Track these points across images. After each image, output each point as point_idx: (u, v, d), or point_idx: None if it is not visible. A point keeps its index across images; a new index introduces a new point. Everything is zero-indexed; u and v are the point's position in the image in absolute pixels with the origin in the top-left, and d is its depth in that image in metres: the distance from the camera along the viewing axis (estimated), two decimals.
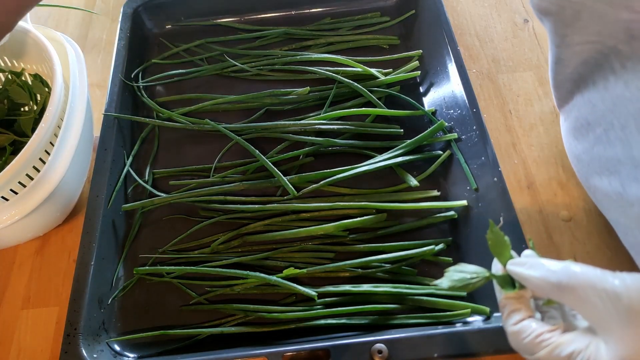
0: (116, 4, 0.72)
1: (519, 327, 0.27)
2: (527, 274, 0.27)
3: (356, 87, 0.54)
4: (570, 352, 0.25)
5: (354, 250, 0.45)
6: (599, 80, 0.38)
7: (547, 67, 0.58)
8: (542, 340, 0.26)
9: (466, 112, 0.48)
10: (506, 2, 0.65)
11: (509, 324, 0.28)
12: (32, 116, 0.51)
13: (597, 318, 0.24)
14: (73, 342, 0.39)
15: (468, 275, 0.30)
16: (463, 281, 0.29)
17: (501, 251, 0.30)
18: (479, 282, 0.29)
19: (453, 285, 0.29)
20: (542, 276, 0.27)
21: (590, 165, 0.40)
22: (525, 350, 0.27)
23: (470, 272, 0.30)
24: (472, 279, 0.29)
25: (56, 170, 0.43)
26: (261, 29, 0.63)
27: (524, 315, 0.28)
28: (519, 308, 0.28)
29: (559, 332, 0.26)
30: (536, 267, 0.27)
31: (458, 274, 0.30)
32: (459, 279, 0.29)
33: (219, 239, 0.47)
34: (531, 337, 0.26)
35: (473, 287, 0.29)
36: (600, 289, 0.24)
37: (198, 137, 0.55)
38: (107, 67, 0.63)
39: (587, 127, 0.40)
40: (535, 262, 0.28)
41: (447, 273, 0.30)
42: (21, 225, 0.43)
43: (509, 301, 0.29)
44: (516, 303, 0.28)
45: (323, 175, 0.48)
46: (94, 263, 0.43)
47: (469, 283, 0.29)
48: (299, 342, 0.40)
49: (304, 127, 0.52)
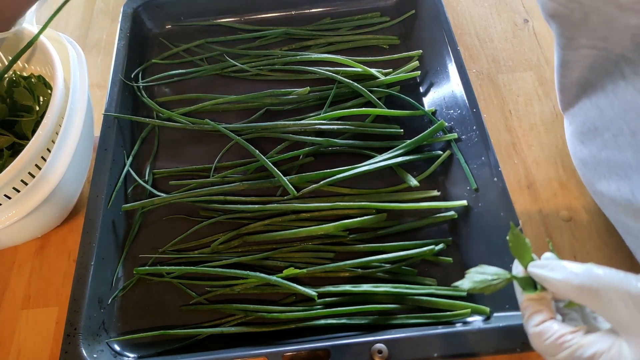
0: (116, 4, 0.72)
1: (540, 329, 0.27)
2: (550, 276, 0.27)
3: (356, 87, 0.54)
4: (592, 353, 0.25)
5: (354, 250, 0.45)
6: (608, 85, 0.38)
7: (547, 67, 0.58)
8: (564, 342, 0.26)
9: (466, 112, 0.48)
10: (506, 2, 0.65)
11: (531, 325, 0.28)
12: (33, 118, 0.51)
13: (620, 320, 0.24)
14: (73, 342, 0.39)
15: (489, 277, 0.30)
16: (484, 282, 0.29)
17: (522, 253, 0.30)
18: (500, 283, 0.29)
19: (474, 286, 0.29)
20: (564, 279, 0.26)
21: (597, 169, 0.40)
22: (547, 352, 0.27)
23: (491, 274, 0.30)
24: (493, 280, 0.29)
25: (56, 171, 0.43)
26: (261, 29, 0.63)
27: (546, 317, 0.28)
28: (541, 309, 0.28)
29: (581, 333, 0.26)
30: (558, 269, 0.27)
31: (479, 275, 0.30)
32: (480, 280, 0.29)
33: (219, 239, 0.47)
34: (553, 339, 0.26)
35: (494, 289, 0.29)
36: (623, 292, 0.24)
37: (198, 137, 0.55)
38: (107, 67, 0.63)
39: (595, 132, 0.40)
40: (557, 265, 0.28)
41: (468, 274, 0.30)
42: (21, 225, 0.43)
43: (531, 303, 0.29)
44: (537, 305, 0.28)
45: (323, 175, 0.48)
46: (94, 263, 0.43)
47: (490, 284, 0.29)
48: (299, 342, 0.40)
49: (304, 127, 0.52)
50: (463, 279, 0.30)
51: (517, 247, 0.30)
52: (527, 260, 0.30)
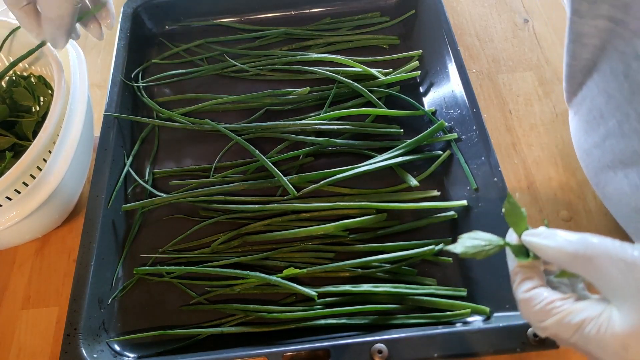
0: (116, 4, 0.72)
1: (530, 294, 0.27)
2: (544, 244, 0.27)
3: (356, 87, 0.54)
4: (581, 319, 0.25)
5: (354, 250, 0.45)
6: (619, 67, 0.37)
7: (547, 67, 0.58)
8: (553, 308, 0.26)
9: (466, 112, 0.48)
10: (506, 2, 0.65)
11: (521, 291, 0.28)
12: (34, 119, 0.51)
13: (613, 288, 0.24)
14: (73, 342, 0.39)
15: (482, 242, 0.29)
16: (477, 248, 0.29)
17: (517, 221, 0.29)
18: (492, 249, 0.29)
19: (466, 251, 0.29)
20: (559, 246, 0.26)
21: (601, 159, 0.39)
22: (535, 318, 0.27)
23: (484, 240, 0.30)
24: (486, 246, 0.29)
25: (56, 172, 0.43)
26: (261, 29, 0.63)
27: (536, 284, 0.28)
28: (531, 276, 0.28)
29: (572, 300, 0.26)
30: (552, 237, 0.27)
31: (471, 240, 0.30)
32: (473, 245, 0.29)
33: (219, 239, 0.47)
34: (542, 304, 0.26)
35: (486, 254, 0.29)
36: (617, 259, 0.24)
37: (198, 137, 0.55)
38: (107, 67, 0.63)
39: (600, 120, 0.39)
40: (551, 233, 0.27)
41: (460, 239, 0.30)
42: (21, 226, 0.43)
43: (522, 269, 0.28)
44: (529, 271, 0.28)
45: (323, 175, 0.48)
46: (94, 263, 0.43)
47: (482, 250, 0.29)
48: (299, 342, 0.40)
49: (304, 127, 0.52)
50: (455, 244, 0.30)
51: (513, 215, 0.30)
52: (521, 229, 0.29)
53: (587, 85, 0.42)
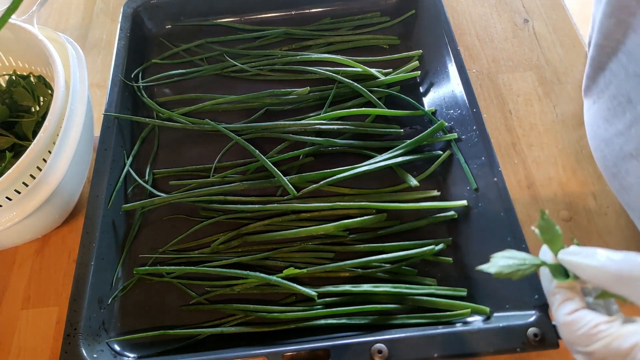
0: (116, 4, 0.72)
1: (573, 317, 0.26)
2: (585, 263, 0.26)
3: (356, 87, 0.54)
4: (632, 344, 0.23)
5: (354, 250, 0.45)
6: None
7: (547, 67, 0.58)
8: (599, 332, 0.25)
9: (466, 112, 0.48)
10: (506, 2, 0.65)
11: (562, 313, 0.27)
12: (34, 119, 0.51)
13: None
14: (73, 342, 0.39)
15: (517, 261, 0.28)
16: (512, 267, 0.28)
17: (552, 239, 0.29)
18: (529, 269, 0.28)
19: (501, 271, 0.28)
20: (601, 265, 0.25)
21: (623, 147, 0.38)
22: (579, 342, 0.26)
23: (518, 259, 0.29)
24: (522, 265, 0.28)
25: (56, 172, 0.43)
26: (261, 29, 0.63)
27: (578, 305, 0.26)
28: (572, 297, 0.27)
29: (619, 322, 0.25)
30: (594, 256, 0.26)
31: (505, 260, 0.29)
32: (507, 264, 0.28)
33: (219, 239, 0.47)
34: (587, 328, 0.25)
35: (522, 275, 0.28)
36: None
37: (198, 137, 0.55)
38: (107, 67, 0.63)
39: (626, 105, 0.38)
40: (592, 252, 0.26)
41: (493, 259, 0.29)
42: (21, 226, 0.43)
43: (561, 290, 0.27)
44: (568, 292, 0.27)
45: (323, 175, 0.48)
46: (94, 263, 0.43)
47: (517, 269, 0.28)
48: (299, 342, 0.40)
49: (304, 127, 0.52)
50: (489, 263, 0.28)
51: (547, 233, 0.29)
52: (557, 247, 0.28)
53: (613, 70, 0.40)
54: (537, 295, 0.37)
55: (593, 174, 0.50)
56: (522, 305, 0.37)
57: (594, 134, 0.44)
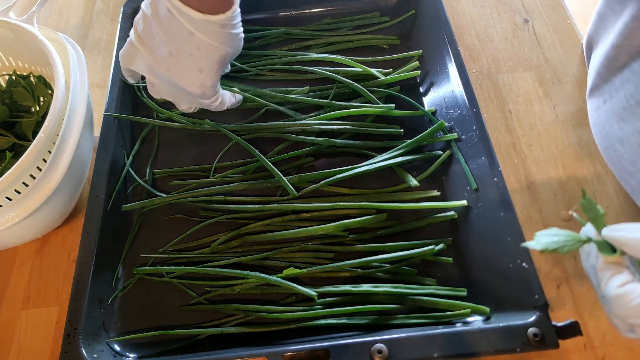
0: (116, 4, 0.72)
1: (625, 290, 0.26)
2: (632, 237, 0.26)
3: (356, 87, 0.54)
4: None
5: (354, 250, 0.45)
6: None
7: (547, 67, 0.58)
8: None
9: (466, 112, 0.48)
10: (506, 2, 0.65)
11: (613, 286, 0.27)
12: (34, 119, 0.51)
13: None
14: (73, 342, 0.39)
15: (563, 238, 0.29)
16: (558, 243, 0.29)
17: (595, 217, 0.29)
18: (575, 245, 0.29)
19: (547, 247, 0.28)
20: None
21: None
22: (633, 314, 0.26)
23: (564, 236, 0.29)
24: (568, 241, 0.29)
25: (56, 172, 0.43)
26: (261, 29, 0.63)
27: (628, 278, 0.27)
28: (621, 271, 0.27)
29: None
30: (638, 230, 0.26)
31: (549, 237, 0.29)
32: (553, 241, 0.29)
33: (219, 239, 0.47)
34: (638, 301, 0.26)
35: (569, 250, 0.29)
36: None
37: (198, 137, 0.55)
38: (107, 67, 0.63)
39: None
40: (637, 227, 0.27)
41: (537, 237, 0.29)
42: (21, 226, 0.43)
43: (609, 265, 0.28)
44: (617, 267, 0.28)
45: (323, 175, 0.48)
46: (94, 263, 0.43)
47: (564, 245, 0.29)
48: (299, 342, 0.40)
49: (304, 127, 0.52)
50: (533, 240, 0.29)
51: (590, 211, 0.29)
52: (601, 225, 0.29)
53: (632, 68, 0.40)
54: (537, 295, 0.37)
55: (593, 174, 0.50)
56: (522, 305, 0.37)
57: (605, 133, 0.44)
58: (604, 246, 0.29)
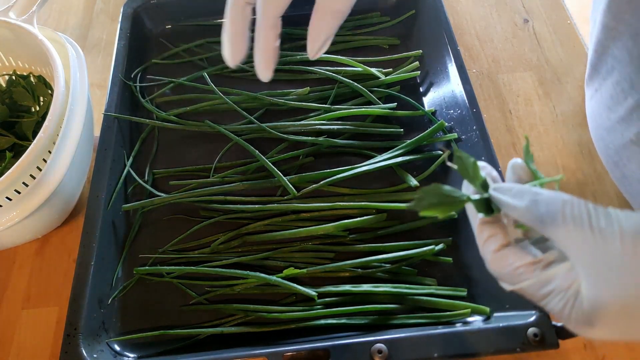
0: (116, 4, 0.72)
1: (497, 256, 0.26)
2: (512, 204, 0.25)
3: (356, 87, 0.54)
4: (549, 290, 0.24)
5: (354, 250, 0.45)
6: None
7: (547, 67, 0.58)
8: (522, 273, 0.25)
9: (466, 112, 0.48)
10: (506, 2, 0.65)
11: (489, 250, 0.27)
12: (34, 119, 0.51)
13: (581, 260, 0.22)
14: (73, 342, 0.39)
15: (444, 198, 0.27)
16: (440, 204, 0.27)
17: (471, 174, 0.28)
18: (456, 205, 0.27)
19: (430, 208, 0.27)
20: (527, 207, 0.24)
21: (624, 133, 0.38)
22: (505, 280, 0.26)
23: (445, 195, 0.27)
24: (449, 202, 0.27)
25: (56, 172, 0.43)
26: None
27: (503, 241, 0.26)
28: (496, 233, 0.27)
29: (540, 267, 0.24)
30: (522, 195, 0.25)
31: (432, 196, 0.27)
32: (436, 202, 0.27)
33: (219, 239, 0.47)
34: (511, 268, 0.25)
35: (451, 211, 0.27)
36: (585, 228, 0.22)
37: (198, 137, 0.55)
38: (107, 67, 0.63)
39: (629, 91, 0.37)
40: (521, 191, 0.25)
41: (420, 194, 0.27)
42: (21, 226, 0.43)
43: (486, 226, 0.27)
44: (493, 228, 0.27)
45: (323, 175, 0.48)
46: (94, 263, 0.43)
47: (446, 206, 0.27)
48: (299, 342, 0.40)
49: (304, 127, 0.52)
50: (414, 201, 0.27)
51: (465, 168, 0.28)
52: (478, 181, 0.28)
53: (617, 56, 0.40)
54: None
55: (593, 174, 0.50)
56: (522, 305, 0.37)
57: (596, 124, 0.43)
58: (480, 205, 0.27)
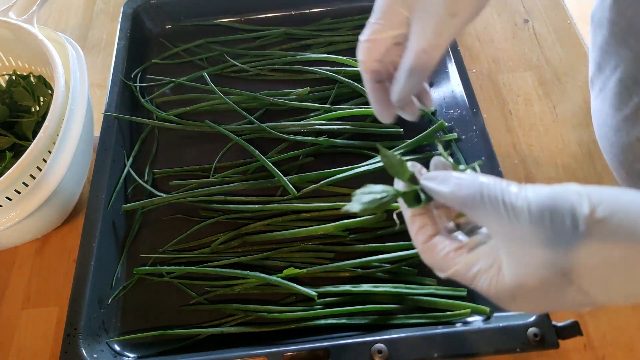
0: (116, 4, 0.72)
1: (427, 245, 0.27)
2: (437, 189, 0.27)
3: (356, 87, 0.54)
4: (475, 271, 0.25)
5: (354, 250, 0.45)
6: None
7: (547, 67, 0.58)
8: (450, 259, 0.26)
9: (466, 112, 0.48)
10: (506, 2, 0.65)
11: (419, 241, 0.28)
12: (34, 119, 0.51)
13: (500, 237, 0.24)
14: (73, 342, 0.39)
15: (378, 196, 0.29)
16: (374, 202, 0.28)
17: (398, 170, 0.29)
18: (389, 200, 0.29)
19: (364, 208, 0.28)
20: (452, 191, 0.26)
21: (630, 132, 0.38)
22: (438, 268, 0.27)
23: (379, 192, 0.29)
24: (383, 198, 0.29)
25: (56, 172, 0.43)
26: (261, 29, 0.63)
27: (432, 231, 0.27)
28: (426, 223, 0.28)
29: (466, 250, 0.26)
30: (447, 181, 0.26)
31: (367, 195, 0.29)
32: (370, 200, 0.29)
33: (219, 239, 0.47)
34: (441, 255, 0.26)
35: (384, 207, 0.29)
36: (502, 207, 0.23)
37: (198, 137, 0.55)
38: (107, 67, 0.63)
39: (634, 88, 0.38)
40: (446, 176, 0.27)
41: (355, 196, 0.29)
42: (21, 226, 0.43)
43: (416, 218, 0.28)
44: (422, 218, 0.28)
45: (323, 175, 0.48)
46: (94, 263, 0.43)
47: (380, 203, 0.28)
48: (299, 342, 0.40)
49: (304, 127, 0.52)
50: (351, 203, 0.29)
51: (393, 166, 0.29)
52: (406, 175, 0.29)
53: (621, 54, 0.40)
54: None
55: (593, 174, 0.50)
56: None
57: (601, 122, 0.43)
58: (409, 197, 0.29)
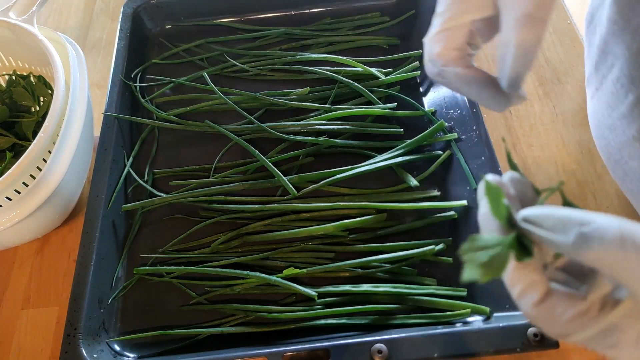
0: (116, 4, 0.72)
1: (544, 307, 0.21)
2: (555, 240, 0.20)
3: (356, 87, 0.54)
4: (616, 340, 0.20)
5: (354, 250, 0.45)
6: None
7: (547, 67, 0.58)
8: (579, 324, 0.20)
9: (466, 112, 0.48)
10: None
11: (529, 305, 0.22)
12: (34, 119, 0.51)
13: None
14: (73, 342, 0.39)
15: (493, 252, 0.22)
16: (496, 261, 0.22)
17: (500, 211, 0.23)
18: (506, 254, 0.22)
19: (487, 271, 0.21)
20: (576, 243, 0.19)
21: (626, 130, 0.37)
22: (556, 333, 0.21)
23: (492, 245, 0.22)
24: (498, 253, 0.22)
25: (56, 172, 0.43)
26: (261, 29, 0.63)
27: (544, 289, 0.21)
28: (536, 280, 0.21)
29: (595, 310, 0.20)
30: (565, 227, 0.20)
31: (481, 253, 0.22)
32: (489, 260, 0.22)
33: (219, 239, 0.47)
34: (564, 320, 0.21)
35: (506, 264, 0.22)
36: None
37: (198, 137, 0.55)
38: (107, 67, 0.63)
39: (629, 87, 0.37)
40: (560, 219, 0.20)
41: (466, 256, 0.22)
42: (21, 226, 0.43)
43: (521, 273, 0.22)
44: (530, 273, 0.22)
45: (323, 175, 0.48)
46: (94, 263, 0.43)
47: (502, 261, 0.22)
48: (299, 342, 0.40)
49: (304, 127, 0.52)
50: (467, 269, 0.22)
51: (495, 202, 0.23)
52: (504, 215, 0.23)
53: (617, 53, 0.39)
54: None
55: (593, 174, 0.50)
56: None
57: (597, 122, 0.43)
58: (516, 248, 0.22)
